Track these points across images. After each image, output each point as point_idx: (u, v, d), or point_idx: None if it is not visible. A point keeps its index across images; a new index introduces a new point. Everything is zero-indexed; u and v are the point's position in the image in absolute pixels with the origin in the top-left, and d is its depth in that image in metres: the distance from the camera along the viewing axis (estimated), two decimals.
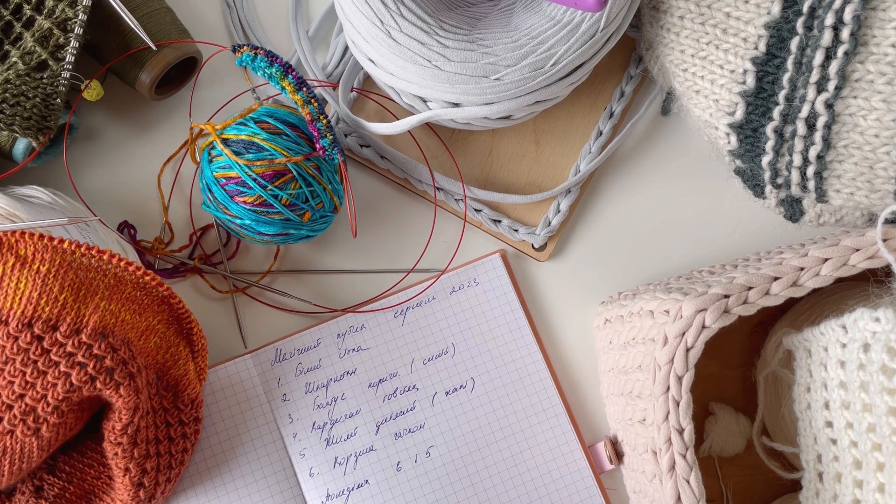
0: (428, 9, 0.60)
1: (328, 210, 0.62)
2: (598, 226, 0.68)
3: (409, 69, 0.59)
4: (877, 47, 0.52)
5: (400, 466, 0.63)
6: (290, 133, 0.60)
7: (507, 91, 0.59)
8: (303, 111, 0.60)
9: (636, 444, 0.56)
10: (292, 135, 0.60)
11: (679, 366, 0.50)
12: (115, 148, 0.68)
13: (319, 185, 0.60)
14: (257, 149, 0.59)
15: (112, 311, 0.55)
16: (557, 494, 0.63)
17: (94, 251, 0.55)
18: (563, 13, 0.59)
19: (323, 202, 0.61)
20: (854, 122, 0.53)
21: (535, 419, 0.64)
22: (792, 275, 0.50)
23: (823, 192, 0.56)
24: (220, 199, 0.60)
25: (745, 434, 0.62)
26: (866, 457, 0.49)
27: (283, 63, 0.60)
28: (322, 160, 0.61)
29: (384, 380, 0.64)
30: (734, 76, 0.57)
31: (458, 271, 0.66)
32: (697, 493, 0.50)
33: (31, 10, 0.61)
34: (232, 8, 0.71)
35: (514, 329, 0.66)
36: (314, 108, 0.59)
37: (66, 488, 0.60)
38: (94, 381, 0.54)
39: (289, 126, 0.60)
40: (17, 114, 0.58)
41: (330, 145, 0.60)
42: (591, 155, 0.67)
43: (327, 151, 0.60)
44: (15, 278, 0.54)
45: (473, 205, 0.67)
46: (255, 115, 0.61)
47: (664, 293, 0.55)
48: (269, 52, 0.60)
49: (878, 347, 0.47)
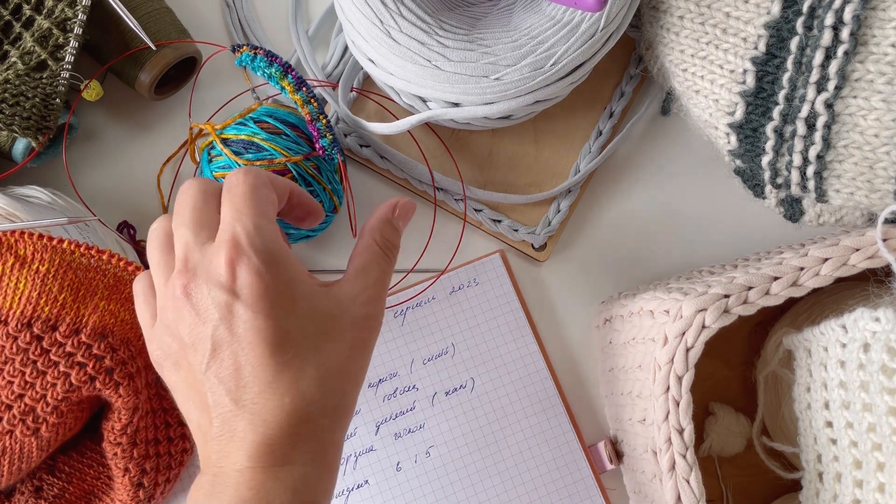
0: (428, 9, 0.60)
1: (328, 210, 0.62)
2: (598, 226, 0.68)
3: (408, 69, 0.59)
4: (877, 47, 0.52)
5: (400, 466, 0.63)
6: (289, 133, 0.60)
7: (507, 91, 0.59)
8: (302, 111, 0.60)
9: (636, 444, 0.56)
10: (292, 135, 0.60)
11: (679, 366, 0.50)
12: (115, 148, 0.68)
13: (319, 185, 0.60)
14: (257, 149, 0.59)
15: (111, 310, 0.55)
16: (557, 494, 0.63)
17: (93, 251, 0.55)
18: (562, 13, 0.59)
19: (323, 202, 0.61)
20: (854, 121, 0.53)
21: (535, 419, 0.64)
22: (792, 275, 0.50)
23: (823, 191, 0.56)
24: None
25: (745, 434, 0.62)
26: (866, 457, 0.49)
27: (282, 63, 0.60)
28: (322, 160, 0.61)
29: (384, 380, 0.64)
30: (734, 76, 0.57)
31: (458, 271, 0.66)
32: (697, 493, 0.50)
33: (31, 9, 0.61)
34: (232, 8, 0.71)
35: (514, 329, 0.66)
36: (314, 108, 0.59)
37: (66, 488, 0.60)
38: (94, 381, 0.54)
39: (288, 126, 0.60)
40: (17, 114, 0.58)
41: (330, 145, 0.60)
42: (591, 155, 0.67)
43: (327, 151, 0.60)
44: (14, 278, 0.54)
45: (473, 205, 0.67)
46: (254, 114, 0.61)
47: (664, 293, 0.55)
48: (268, 52, 0.60)
49: (878, 347, 0.47)
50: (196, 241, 0.46)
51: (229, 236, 0.45)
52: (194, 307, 0.45)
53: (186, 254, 0.45)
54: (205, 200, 0.47)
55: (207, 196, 0.47)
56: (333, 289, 0.49)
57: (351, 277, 0.50)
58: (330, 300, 0.48)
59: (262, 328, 0.44)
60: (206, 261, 0.45)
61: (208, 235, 0.46)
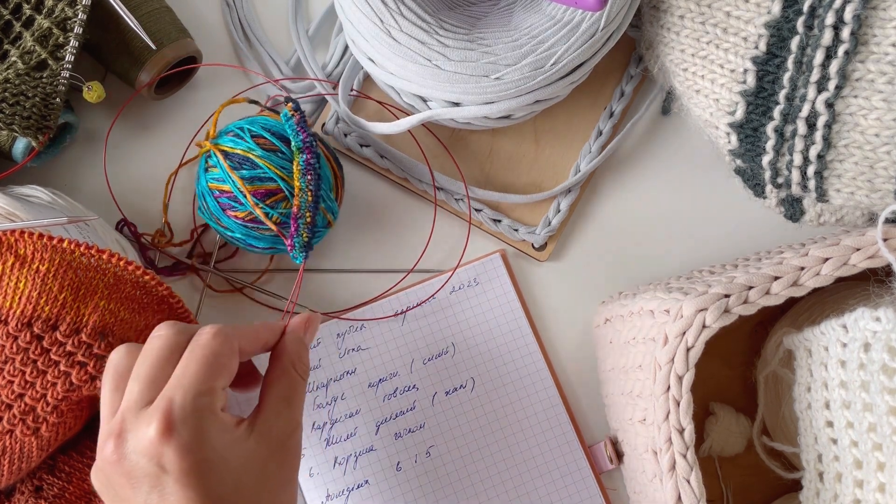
0: (428, 8, 0.60)
1: (322, 226, 0.61)
2: (598, 225, 0.68)
3: (408, 68, 0.59)
4: (877, 46, 0.52)
5: (400, 466, 0.63)
6: (285, 150, 0.59)
7: (507, 90, 0.59)
8: (294, 199, 0.58)
9: (636, 444, 0.56)
10: (287, 152, 0.59)
11: (679, 365, 0.50)
12: (115, 148, 0.68)
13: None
14: (251, 165, 0.59)
15: (112, 310, 0.55)
16: (557, 494, 0.63)
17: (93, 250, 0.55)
18: (563, 12, 0.59)
19: (316, 220, 0.60)
20: (854, 121, 0.53)
21: (535, 419, 0.64)
22: (792, 274, 0.50)
23: (824, 191, 0.56)
24: (213, 210, 0.60)
25: (745, 434, 0.62)
26: (867, 456, 0.49)
27: (306, 139, 0.59)
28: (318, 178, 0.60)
29: (384, 379, 0.64)
30: (734, 75, 0.57)
31: (458, 271, 0.66)
32: (697, 493, 0.50)
33: (31, 9, 0.61)
34: (232, 7, 0.71)
35: (514, 329, 0.66)
36: (306, 201, 0.58)
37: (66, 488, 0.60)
38: (94, 380, 0.54)
39: (285, 143, 0.60)
40: (17, 113, 0.58)
41: (300, 247, 0.59)
42: (591, 154, 0.67)
43: (294, 251, 0.59)
44: (14, 278, 0.54)
45: (473, 204, 0.67)
46: (252, 127, 0.60)
47: (664, 293, 0.55)
48: (301, 120, 0.59)
49: (878, 347, 0.47)
50: (138, 401, 0.46)
51: (164, 405, 0.45)
52: (125, 472, 0.45)
53: (124, 414, 0.46)
54: (168, 358, 0.47)
55: (172, 352, 0.48)
56: (261, 428, 0.49)
57: (275, 408, 0.50)
58: (261, 445, 0.48)
59: (193, 499, 0.44)
60: (139, 429, 0.45)
61: (154, 395, 0.46)
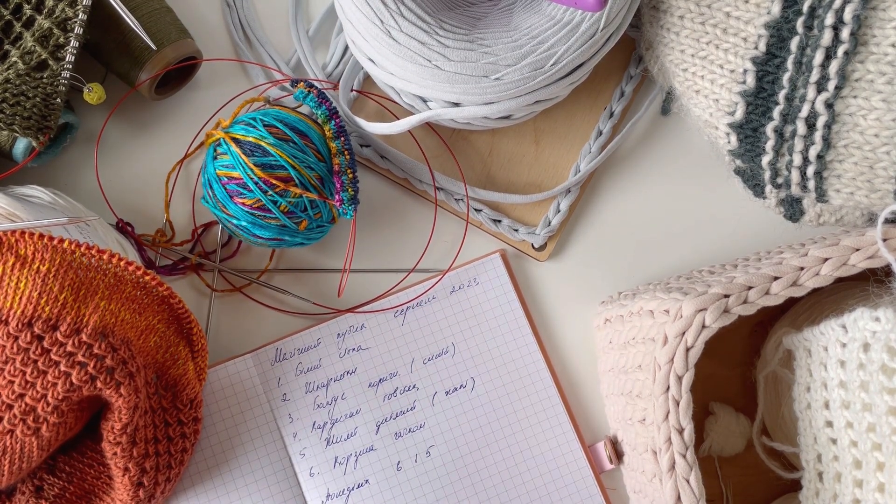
0: (428, 8, 0.60)
1: (325, 220, 0.61)
2: (598, 226, 0.68)
3: (409, 69, 0.59)
4: (877, 47, 0.52)
5: (400, 466, 0.63)
6: (297, 141, 0.60)
7: (507, 91, 0.59)
8: (334, 161, 0.60)
9: (636, 444, 0.56)
10: (300, 142, 0.60)
11: (679, 365, 0.50)
12: (116, 148, 0.68)
13: (320, 196, 0.60)
14: (262, 153, 0.59)
15: (112, 310, 0.55)
16: (557, 494, 0.63)
17: (93, 251, 0.55)
18: (563, 13, 0.59)
19: (321, 212, 0.61)
20: (854, 121, 0.53)
21: (535, 419, 0.64)
22: (792, 274, 0.50)
23: (823, 191, 0.56)
24: (219, 197, 0.60)
25: (745, 434, 0.62)
26: (866, 456, 0.49)
27: (330, 107, 0.61)
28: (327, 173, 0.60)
29: (384, 379, 0.64)
30: (734, 76, 0.57)
31: (458, 271, 0.66)
32: (697, 492, 0.50)
33: (31, 9, 0.61)
34: (232, 8, 0.71)
35: (514, 329, 0.66)
36: (345, 160, 0.60)
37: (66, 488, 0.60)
38: (95, 380, 0.54)
39: (297, 133, 0.60)
40: (17, 113, 0.58)
41: (349, 201, 0.60)
42: (591, 155, 0.67)
43: (344, 205, 0.60)
44: (15, 278, 0.54)
45: (473, 204, 0.67)
46: (265, 118, 0.60)
47: (664, 293, 0.55)
48: (320, 93, 0.61)
49: (878, 347, 0.47)
50: None
51: None
52: None
53: None
54: None
55: None
56: None
57: None
58: None
59: None
60: None
61: None
